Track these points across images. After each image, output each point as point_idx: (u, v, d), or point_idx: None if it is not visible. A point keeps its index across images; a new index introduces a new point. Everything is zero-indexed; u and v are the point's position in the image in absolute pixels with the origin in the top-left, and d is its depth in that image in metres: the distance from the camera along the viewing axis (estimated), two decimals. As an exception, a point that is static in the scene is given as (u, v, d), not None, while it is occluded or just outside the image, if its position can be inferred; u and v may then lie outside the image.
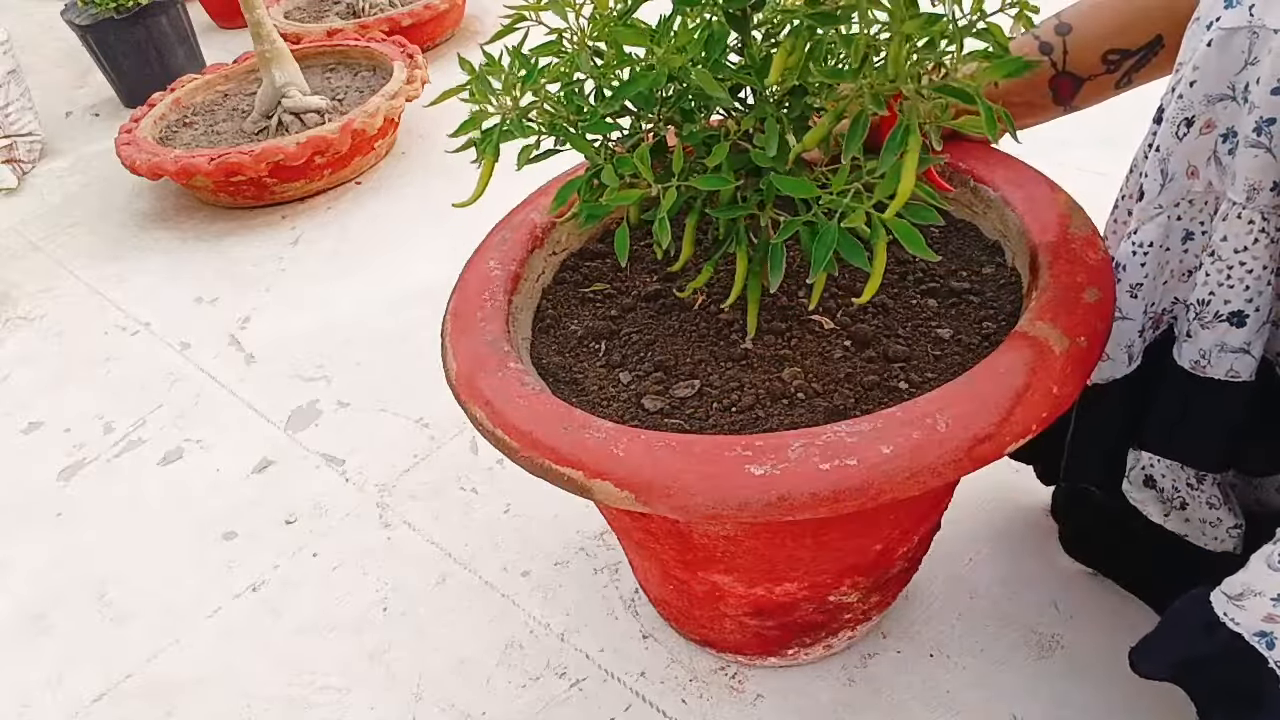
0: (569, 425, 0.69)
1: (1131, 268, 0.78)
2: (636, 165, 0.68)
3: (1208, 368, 0.76)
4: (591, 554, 1.17)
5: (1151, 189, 0.75)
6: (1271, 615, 0.67)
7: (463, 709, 1.04)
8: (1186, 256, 0.77)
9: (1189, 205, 0.75)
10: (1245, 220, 0.69)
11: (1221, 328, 0.73)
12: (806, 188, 0.64)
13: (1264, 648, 0.69)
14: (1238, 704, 0.72)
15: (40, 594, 1.27)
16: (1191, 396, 0.77)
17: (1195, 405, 0.77)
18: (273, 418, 1.50)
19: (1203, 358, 0.76)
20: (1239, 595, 0.69)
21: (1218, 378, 0.75)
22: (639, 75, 0.67)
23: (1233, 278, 0.71)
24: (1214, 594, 0.72)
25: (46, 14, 3.34)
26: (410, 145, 2.26)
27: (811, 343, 0.80)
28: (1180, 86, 0.70)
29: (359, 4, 2.73)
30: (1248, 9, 0.64)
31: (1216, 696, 0.75)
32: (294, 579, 1.23)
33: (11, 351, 1.79)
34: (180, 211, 2.16)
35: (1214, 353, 0.75)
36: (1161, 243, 0.76)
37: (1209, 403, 0.76)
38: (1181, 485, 0.85)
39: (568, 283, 0.93)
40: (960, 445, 0.63)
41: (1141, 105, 0.91)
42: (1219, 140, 0.70)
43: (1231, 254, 0.70)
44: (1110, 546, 1.01)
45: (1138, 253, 0.77)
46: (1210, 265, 0.72)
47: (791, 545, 0.77)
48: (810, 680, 1.00)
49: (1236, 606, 0.70)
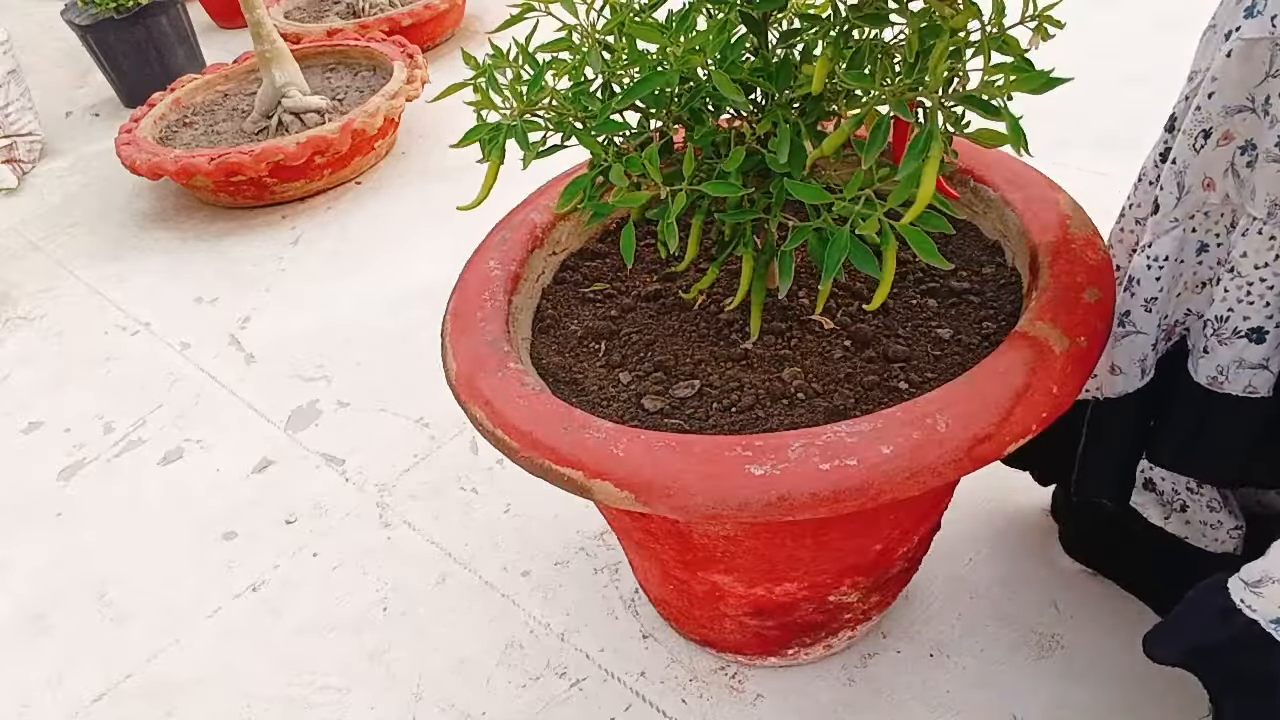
0: (569, 425, 0.69)
1: (1146, 282, 0.77)
2: (645, 166, 0.67)
3: (1225, 384, 0.75)
4: (591, 554, 1.17)
5: (1167, 202, 0.74)
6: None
7: (463, 709, 1.04)
8: (1201, 268, 0.76)
9: (1204, 217, 0.74)
10: (1266, 236, 0.68)
11: (1240, 344, 0.72)
12: (818, 194, 0.64)
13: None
14: (1250, 691, 0.72)
15: (40, 594, 1.27)
16: (1208, 413, 0.76)
17: (1212, 421, 0.76)
18: (273, 418, 1.50)
19: (1220, 374, 0.75)
20: (1258, 582, 0.69)
21: (1235, 394, 0.74)
22: (652, 75, 0.66)
23: (1252, 294, 0.70)
24: (1231, 580, 0.71)
25: (46, 14, 3.33)
26: (410, 145, 2.26)
27: (812, 343, 0.80)
28: (1198, 97, 0.69)
29: (359, 4, 2.73)
30: (1270, 19, 0.63)
31: (1229, 683, 0.74)
32: (294, 579, 1.22)
33: (11, 351, 1.79)
34: (180, 211, 2.16)
35: (1232, 369, 0.74)
36: (1177, 256, 0.76)
37: (1227, 419, 0.76)
38: (1182, 489, 0.84)
39: (568, 283, 0.93)
40: (960, 445, 0.63)
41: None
42: (1237, 152, 0.70)
43: (1251, 270, 0.70)
44: (1110, 547, 1.01)
45: (1152, 267, 0.76)
46: (1229, 281, 0.71)
47: (791, 545, 0.77)
48: (810, 680, 1.00)
49: (1254, 594, 0.69)
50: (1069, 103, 1.83)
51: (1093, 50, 1.99)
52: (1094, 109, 1.82)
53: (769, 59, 0.69)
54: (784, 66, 0.67)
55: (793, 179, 0.66)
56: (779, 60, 0.68)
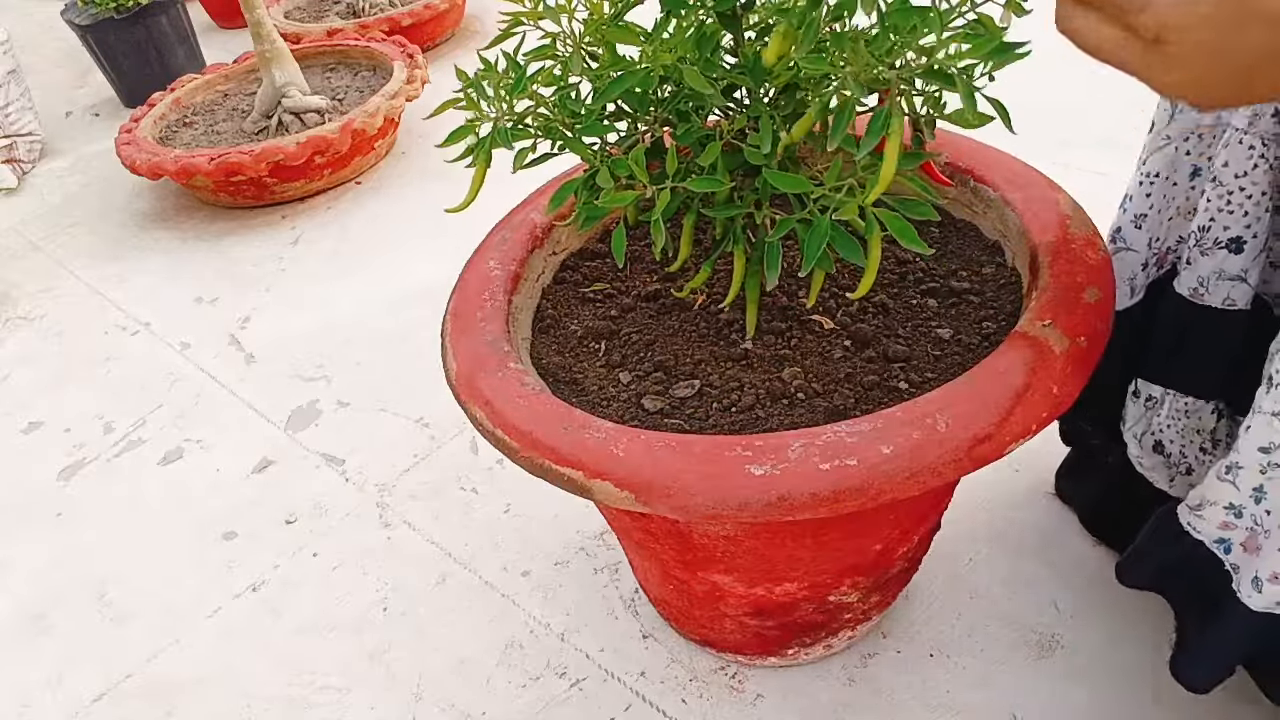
0: (569, 425, 0.69)
1: (1137, 198, 0.79)
2: (631, 167, 0.68)
3: (1205, 295, 0.77)
4: (591, 554, 1.17)
5: (1161, 119, 0.76)
6: (1226, 523, 0.73)
7: (463, 709, 1.04)
8: (1193, 194, 0.78)
9: (1198, 140, 0.75)
10: (1246, 146, 0.70)
11: (1220, 254, 0.74)
12: (800, 183, 0.64)
13: (1222, 552, 0.75)
14: (1204, 608, 0.77)
15: (40, 594, 1.27)
16: (1189, 324, 0.79)
17: (1193, 333, 0.79)
18: (273, 418, 1.50)
19: (1201, 285, 0.77)
20: (1198, 506, 0.75)
21: (1215, 305, 0.77)
22: (628, 73, 0.66)
23: (1232, 203, 0.72)
24: (1179, 507, 0.77)
25: (46, 14, 3.34)
26: (410, 145, 2.26)
27: (812, 343, 0.80)
28: None
29: (359, 4, 2.73)
30: None
31: (1188, 601, 0.81)
32: (294, 579, 1.23)
33: (11, 351, 1.79)
34: (180, 211, 2.16)
35: (1212, 280, 0.76)
36: (1168, 175, 0.77)
37: (1206, 331, 0.78)
38: (1191, 452, 0.85)
39: (568, 283, 0.93)
40: (960, 445, 0.63)
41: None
42: None
43: (1232, 179, 0.71)
44: (1116, 518, 1.01)
45: (1144, 183, 0.78)
46: (1211, 191, 0.73)
47: (791, 545, 0.77)
48: (810, 680, 1.00)
49: (1197, 516, 0.75)
50: (1070, 103, 1.84)
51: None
52: (1095, 109, 1.82)
53: (748, 54, 0.69)
54: (759, 61, 0.67)
55: (772, 170, 0.67)
56: (755, 54, 0.68)
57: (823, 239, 0.62)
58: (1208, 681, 0.79)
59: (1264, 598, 0.71)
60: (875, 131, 0.59)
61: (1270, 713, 0.89)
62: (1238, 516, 0.72)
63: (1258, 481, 0.69)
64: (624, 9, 0.70)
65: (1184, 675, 0.81)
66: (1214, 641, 0.77)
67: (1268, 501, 0.69)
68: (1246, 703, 0.91)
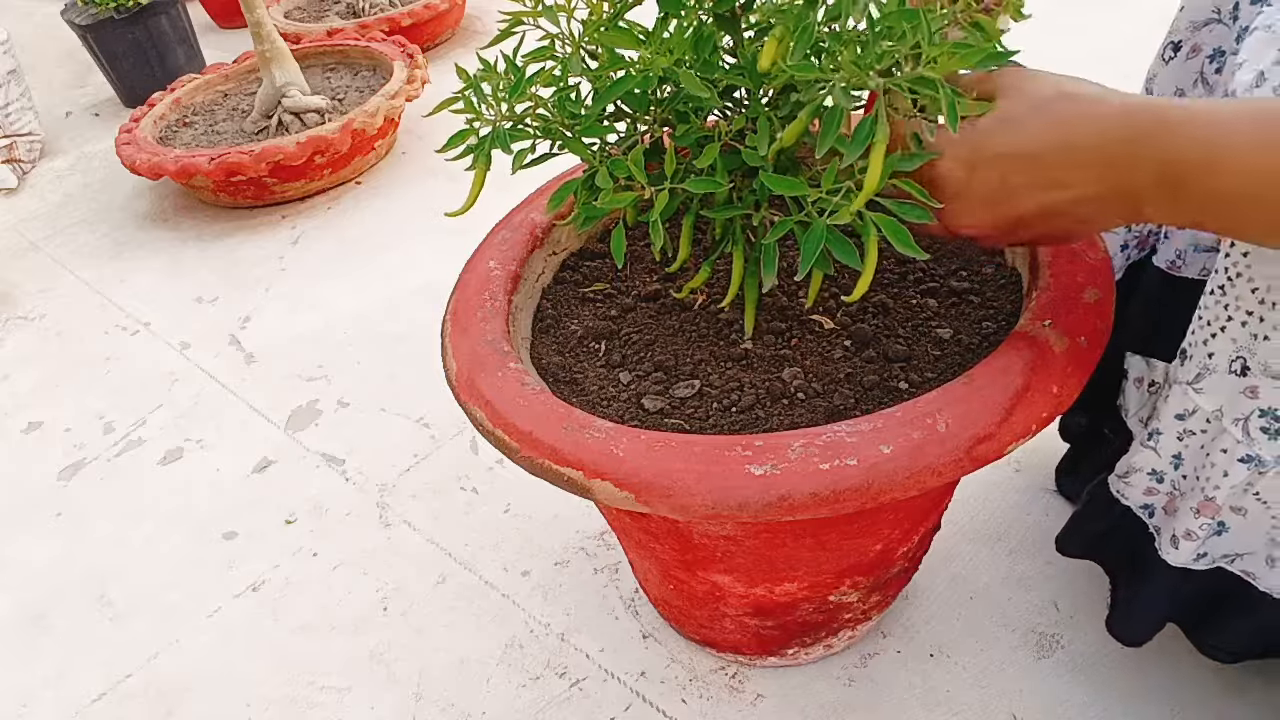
0: (569, 425, 0.69)
1: None
2: (630, 168, 0.68)
3: (1183, 268, 0.78)
4: (591, 554, 1.18)
5: None
6: (1150, 489, 0.77)
7: (463, 709, 1.04)
8: None
9: None
10: None
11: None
12: (796, 186, 0.64)
13: (1146, 516, 0.79)
14: (1135, 569, 0.83)
15: (40, 594, 1.27)
16: (1166, 297, 0.80)
17: (1170, 306, 0.80)
18: (273, 418, 1.50)
19: (1178, 257, 0.78)
20: (1126, 474, 0.79)
21: (1191, 277, 0.78)
22: (627, 75, 0.66)
23: None
24: (1110, 477, 0.81)
25: (46, 14, 3.34)
26: (410, 145, 2.26)
27: (811, 343, 0.80)
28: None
29: (359, 4, 2.73)
30: None
31: (1119, 564, 0.87)
32: (294, 579, 1.23)
33: (11, 351, 1.79)
34: (180, 211, 2.16)
35: (1188, 252, 0.77)
36: None
37: (1183, 303, 0.78)
38: None
39: (568, 283, 0.93)
40: (960, 445, 0.63)
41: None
42: (1206, 61, 0.73)
43: None
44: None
45: None
46: None
47: (791, 545, 0.77)
48: (810, 680, 1.00)
49: (1125, 484, 0.79)
50: (1069, 103, 1.83)
51: (1094, 53, 1.99)
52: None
53: (747, 56, 0.69)
54: (756, 62, 0.67)
55: (769, 173, 0.67)
56: (754, 55, 0.68)
57: (818, 243, 0.62)
58: (1141, 635, 0.85)
59: (1180, 554, 0.75)
60: (860, 141, 0.59)
61: (1263, 708, 0.90)
62: (1159, 481, 0.76)
63: (1176, 449, 0.73)
64: (623, 9, 0.70)
65: (1119, 630, 0.87)
66: (1144, 598, 0.82)
67: (1184, 466, 0.73)
68: (1237, 697, 0.91)
